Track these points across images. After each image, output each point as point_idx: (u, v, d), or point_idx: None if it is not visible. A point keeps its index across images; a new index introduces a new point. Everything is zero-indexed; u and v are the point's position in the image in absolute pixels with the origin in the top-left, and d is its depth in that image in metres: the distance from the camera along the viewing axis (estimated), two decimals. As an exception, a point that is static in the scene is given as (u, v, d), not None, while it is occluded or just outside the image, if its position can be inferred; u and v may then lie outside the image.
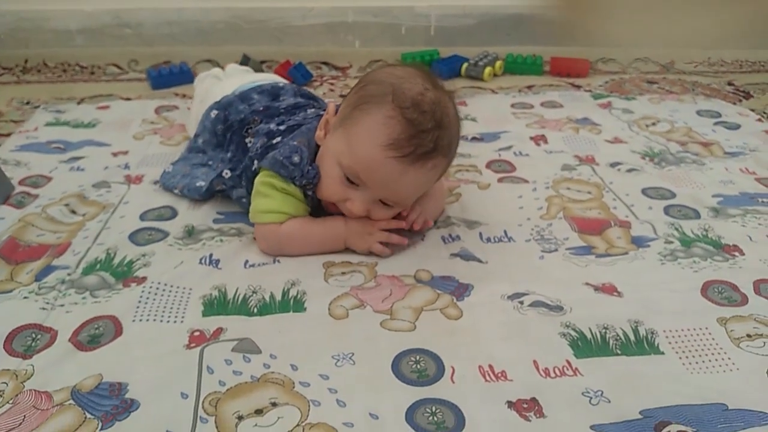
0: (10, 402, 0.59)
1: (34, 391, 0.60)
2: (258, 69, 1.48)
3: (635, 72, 1.60)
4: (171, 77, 1.43)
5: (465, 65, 1.51)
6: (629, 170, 1.04)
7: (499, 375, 0.62)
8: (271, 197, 0.80)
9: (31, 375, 0.62)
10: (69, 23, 1.51)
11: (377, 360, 0.63)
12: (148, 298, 0.72)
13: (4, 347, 0.65)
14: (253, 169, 0.83)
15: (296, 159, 0.78)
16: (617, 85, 1.50)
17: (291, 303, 0.72)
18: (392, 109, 0.71)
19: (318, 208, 0.83)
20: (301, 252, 0.81)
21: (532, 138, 1.16)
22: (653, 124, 1.24)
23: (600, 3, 1.65)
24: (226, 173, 0.89)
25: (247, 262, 0.80)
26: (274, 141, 0.84)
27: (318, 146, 0.82)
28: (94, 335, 0.67)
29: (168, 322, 0.69)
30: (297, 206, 0.81)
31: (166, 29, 1.53)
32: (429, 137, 0.72)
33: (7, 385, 0.61)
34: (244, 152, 0.89)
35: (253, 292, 0.74)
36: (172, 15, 1.53)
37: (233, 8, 1.53)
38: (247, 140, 0.89)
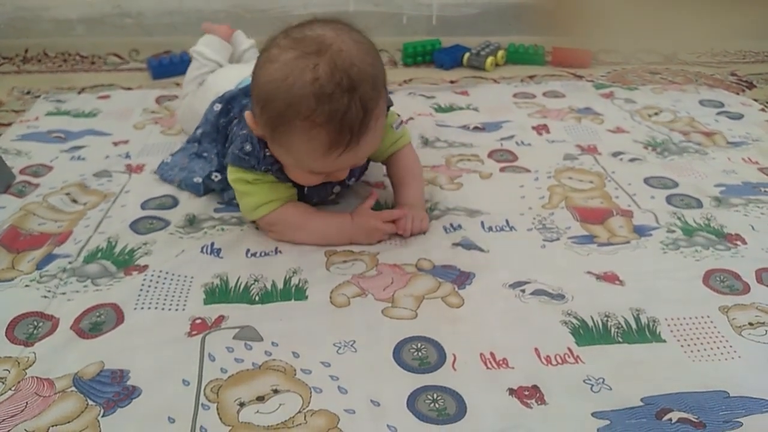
0: (12, 389, 0.59)
1: (36, 378, 0.60)
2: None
3: (638, 63, 1.59)
4: (172, 67, 1.43)
5: (467, 55, 1.51)
6: (631, 160, 1.04)
7: (501, 362, 0.62)
8: (250, 193, 0.79)
9: (33, 362, 0.62)
10: (69, 13, 1.51)
11: (379, 347, 0.63)
12: (149, 286, 0.72)
13: (6, 335, 0.65)
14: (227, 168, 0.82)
15: (248, 148, 0.76)
16: (619, 75, 1.49)
17: (293, 291, 0.72)
18: (305, 125, 0.66)
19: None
20: (306, 241, 0.80)
21: (534, 128, 1.15)
22: (656, 113, 1.23)
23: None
24: (216, 176, 0.88)
25: (248, 251, 0.80)
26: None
27: None
28: (95, 323, 0.67)
29: (170, 310, 0.69)
30: (279, 189, 0.80)
31: (167, 19, 1.52)
32: (354, 109, 0.66)
33: (9, 372, 0.61)
34: None
35: (255, 280, 0.74)
36: (173, 4, 1.52)
37: (234, -3, 1.52)
38: None
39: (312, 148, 0.68)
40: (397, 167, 0.88)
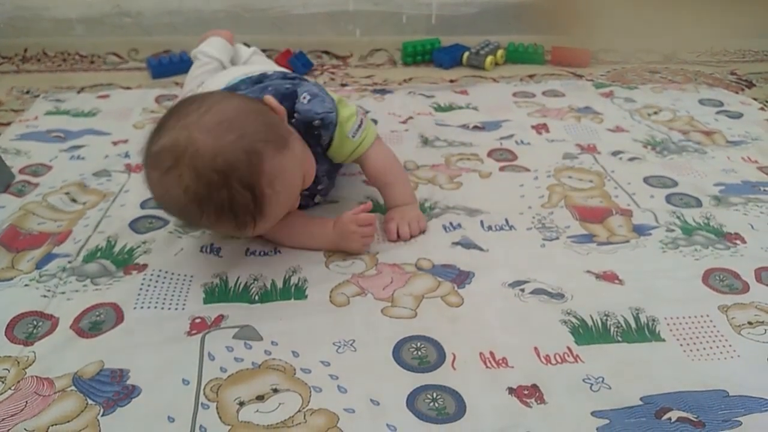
0: (12, 388, 0.59)
1: (36, 377, 0.60)
2: (258, 58, 1.47)
3: (637, 62, 1.59)
4: (171, 66, 1.42)
5: (466, 54, 1.51)
6: (631, 159, 1.04)
7: (500, 362, 0.62)
8: None
9: (33, 361, 0.62)
10: (69, 12, 1.51)
11: (378, 347, 0.63)
12: (149, 285, 0.72)
13: (5, 334, 0.65)
14: None
15: None
16: (619, 74, 1.49)
17: (292, 290, 0.72)
18: (206, 222, 0.67)
19: None
20: (287, 243, 0.80)
21: (533, 127, 1.15)
22: (655, 113, 1.23)
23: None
24: None
25: (247, 250, 0.80)
26: None
27: None
28: (95, 322, 0.67)
29: (169, 309, 0.69)
30: None
31: (167, 18, 1.52)
32: (238, 195, 0.64)
33: (8, 371, 0.61)
34: None
35: (255, 279, 0.74)
36: (173, 4, 1.52)
37: (234, -3, 1.52)
38: None
39: (227, 229, 0.69)
40: (371, 170, 0.86)
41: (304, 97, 0.77)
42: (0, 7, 1.50)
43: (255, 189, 0.64)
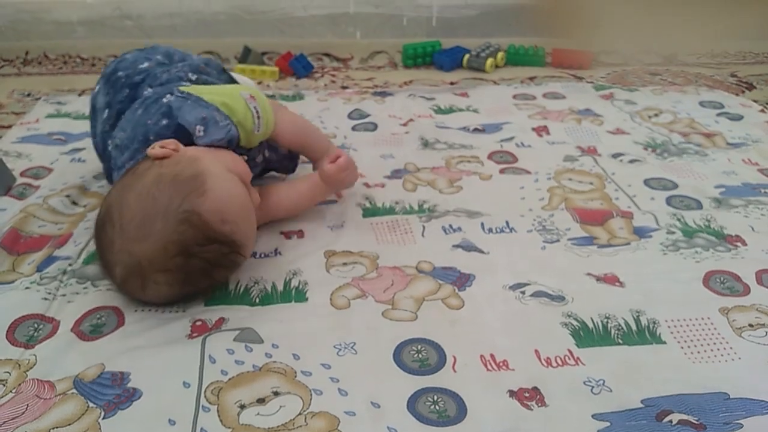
0: (13, 391, 0.59)
1: (37, 380, 0.60)
2: (259, 61, 1.48)
3: (638, 64, 1.59)
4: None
5: (467, 56, 1.51)
6: (631, 161, 1.04)
7: (501, 364, 0.62)
8: None
9: (34, 364, 0.62)
10: (70, 15, 1.51)
11: (379, 349, 0.63)
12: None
13: (6, 337, 0.65)
14: None
15: None
16: (619, 76, 1.49)
17: (293, 293, 0.72)
18: (200, 289, 0.70)
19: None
20: (288, 215, 0.86)
21: (534, 129, 1.15)
22: (656, 115, 1.23)
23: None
24: None
25: (248, 252, 0.80)
26: None
27: None
28: (96, 325, 0.67)
29: (170, 311, 0.69)
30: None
31: (168, 21, 1.52)
32: (175, 272, 0.66)
33: (9, 374, 0.61)
34: None
35: (255, 282, 0.74)
36: (174, 6, 1.52)
37: (234, -1, 1.53)
38: None
39: (230, 272, 0.73)
40: (285, 143, 0.87)
41: (199, 131, 0.73)
42: (1, 10, 1.50)
43: (216, 236, 0.66)
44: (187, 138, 0.73)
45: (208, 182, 0.67)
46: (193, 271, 0.66)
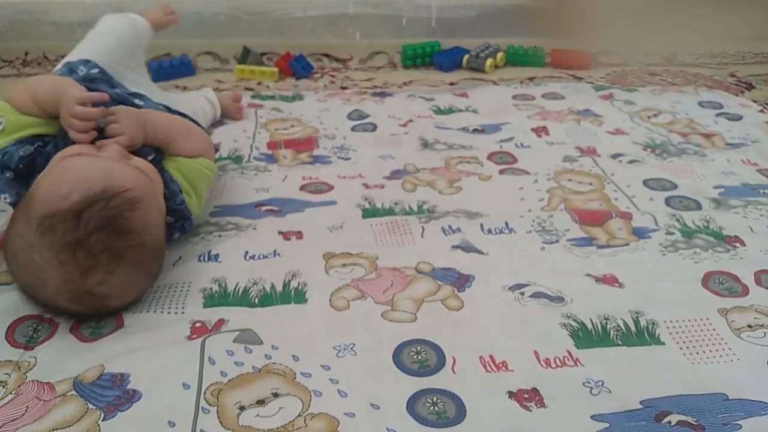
0: (13, 392, 0.59)
1: (37, 381, 0.60)
2: (259, 61, 1.48)
3: (637, 64, 1.59)
4: (172, 69, 1.43)
5: (466, 57, 1.51)
6: (630, 161, 1.04)
7: (500, 365, 0.62)
8: None
9: (34, 366, 0.62)
10: (69, 16, 1.51)
11: (378, 350, 0.64)
12: (148, 292, 0.72)
13: (6, 338, 0.66)
14: None
15: None
16: (619, 77, 1.49)
17: (292, 294, 0.72)
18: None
19: None
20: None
21: (533, 129, 1.15)
22: (655, 115, 1.23)
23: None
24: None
25: (246, 253, 0.80)
26: None
27: None
28: (95, 327, 0.67)
29: (169, 313, 0.69)
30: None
31: (166, 21, 1.52)
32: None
33: (9, 376, 0.61)
34: None
35: (254, 283, 0.74)
36: (173, 6, 1.51)
37: (233, 0, 1.52)
38: None
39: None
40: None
41: None
42: (1, 11, 1.50)
43: (69, 208, 0.62)
44: None
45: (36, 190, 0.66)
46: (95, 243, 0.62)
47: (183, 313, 0.69)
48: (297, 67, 1.45)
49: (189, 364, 0.62)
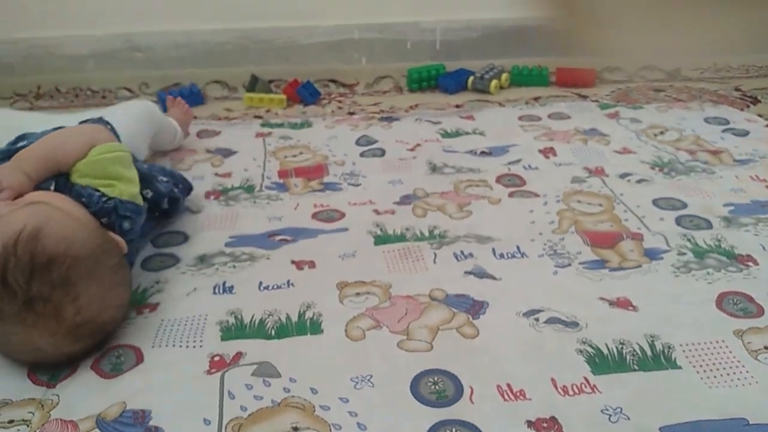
0: (38, 431, 0.60)
1: (60, 420, 0.61)
2: (267, 89, 1.50)
3: (641, 80, 1.60)
4: (182, 99, 1.45)
5: (471, 78, 1.52)
6: (639, 181, 1.05)
7: (518, 394, 0.62)
8: None
9: (57, 404, 0.63)
10: (81, 48, 1.54)
11: (396, 382, 0.64)
12: (165, 326, 0.73)
13: (28, 376, 0.66)
14: None
15: None
16: (624, 94, 1.50)
17: (308, 325, 0.73)
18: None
19: None
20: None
21: (540, 151, 1.16)
22: (661, 133, 1.24)
23: (602, 11, 1.66)
24: None
25: (261, 284, 0.81)
26: None
27: None
28: (115, 363, 0.68)
29: (187, 347, 0.70)
30: None
31: (176, 52, 1.55)
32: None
33: (33, 414, 0.62)
34: None
35: (269, 315, 0.75)
36: (181, 38, 1.55)
37: (240, 29, 1.55)
38: None
39: None
40: None
41: None
42: (14, 47, 1.53)
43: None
44: None
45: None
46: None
47: (201, 346, 0.70)
48: (305, 93, 1.46)
49: (209, 399, 0.62)
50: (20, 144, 0.83)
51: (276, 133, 1.29)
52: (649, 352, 0.67)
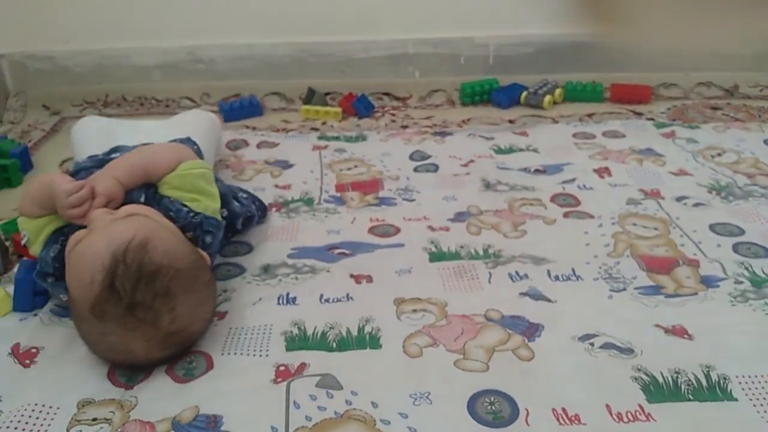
0: (119, 430, 0.64)
1: (139, 421, 0.65)
2: (323, 101, 1.54)
3: (698, 97, 1.58)
4: (242, 110, 1.50)
5: (524, 93, 1.53)
6: (696, 204, 1.04)
7: (573, 418, 0.64)
8: None
9: (135, 405, 0.67)
10: (147, 60, 1.61)
11: (453, 400, 0.66)
12: (233, 333, 0.77)
13: (108, 377, 0.72)
14: None
15: None
16: (680, 111, 1.49)
17: (367, 339, 0.76)
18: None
19: None
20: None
21: (595, 170, 1.17)
22: (719, 154, 1.23)
23: (656, 25, 1.64)
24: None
25: (322, 296, 0.84)
26: None
27: None
28: (188, 368, 0.72)
29: (254, 356, 0.74)
30: None
31: (237, 64, 1.61)
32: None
33: (114, 413, 0.67)
34: None
35: (331, 327, 0.78)
36: (243, 50, 1.60)
37: (299, 43, 1.60)
38: None
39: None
40: None
41: None
42: (86, 57, 1.61)
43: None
44: None
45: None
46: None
47: (267, 355, 0.74)
48: (359, 106, 1.50)
49: (276, 408, 0.66)
50: (114, 155, 0.90)
51: (332, 146, 1.33)
52: (704, 383, 0.68)
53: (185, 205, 0.81)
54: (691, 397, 0.66)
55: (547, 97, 1.51)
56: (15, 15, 1.57)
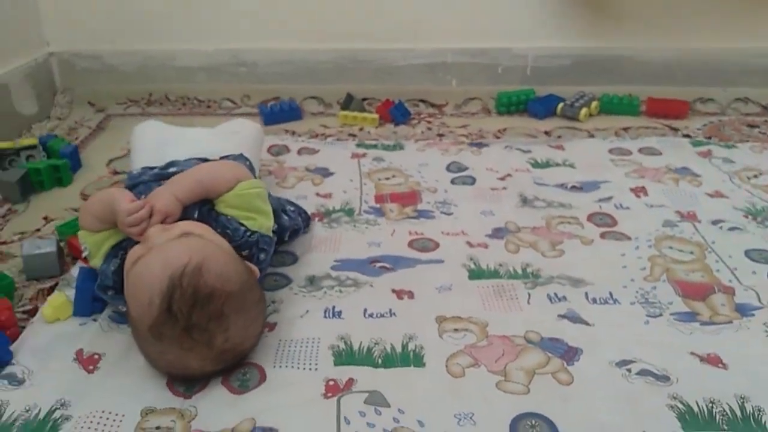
0: (181, 439, 0.69)
1: (200, 431, 0.69)
2: (360, 107, 1.57)
3: (734, 113, 1.58)
4: (282, 114, 1.54)
5: (561, 105, 1.55)
6: (731, 228, 1.05)
7: (611, 445, 0.67)
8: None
9: (195, 416, 0.71)
10: (192, 62, 1.65)
11: (496, 422, 0.69)
12: (283, 346, 0.81)
13: (167, 386, 0.76)
14: None
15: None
16: (716, 128, 1.49)
17: (411, 357, 0.79)
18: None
19: None
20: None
21: (632, 189, 1.18)
22: (755, 176, 1.23)
23: (693, 38, 1.63)
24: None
25: (366, 311, 0.87)
26: None
27: None
28: (242, 380, 0.76)
29: (304, 369, 0.77)
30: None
31: (278, 68, 1.65)
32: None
33: (175, 423, 0.70)
34: None
35: (376, 343, 0.81)
36: (284, 55, 1.64)
37: (340, 50, 1.63)
38: None
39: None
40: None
41: None
42: (132, 57, 1.66)
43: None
44: None
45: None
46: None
47: (316, 370, 0.77)
48: (396, 113, 1.53)
49: (328, 422, 0.69)
50: (171, 170, 0.94)
51: (370, 154, 1.36)
52: (739, 414, 0.70)
53: (242, 224, 0.85)
54: (725, 428, 0.68)
55: (584, 110, 1.52)
56: (64, 15, 1.62)
